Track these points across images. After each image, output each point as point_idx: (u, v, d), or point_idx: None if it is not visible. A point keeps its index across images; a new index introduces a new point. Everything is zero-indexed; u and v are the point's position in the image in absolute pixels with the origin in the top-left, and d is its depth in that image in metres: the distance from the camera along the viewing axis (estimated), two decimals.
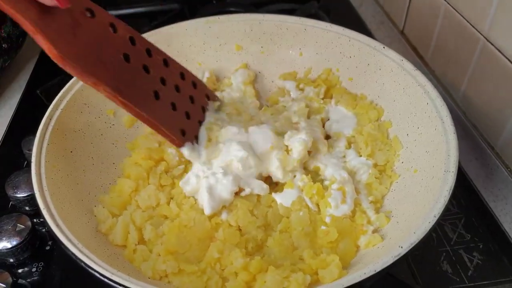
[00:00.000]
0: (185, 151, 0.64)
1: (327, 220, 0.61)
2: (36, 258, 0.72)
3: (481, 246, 0.73)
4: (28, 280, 0.70)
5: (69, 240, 0.51)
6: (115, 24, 0.57)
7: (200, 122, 0.67)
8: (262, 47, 0.85)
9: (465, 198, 0.80)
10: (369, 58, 0.76)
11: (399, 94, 0.71)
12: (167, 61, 0.65)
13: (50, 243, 0.75)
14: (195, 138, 0.66)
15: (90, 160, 0.70)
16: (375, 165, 0.69)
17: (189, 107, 0.65)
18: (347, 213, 0.63)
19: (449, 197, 0.52)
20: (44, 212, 0.54)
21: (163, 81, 0.62)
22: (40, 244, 0.74)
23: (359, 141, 0.72)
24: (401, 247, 0.48)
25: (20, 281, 0.70)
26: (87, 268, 0.48)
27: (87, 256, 0.49)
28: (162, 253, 0.59)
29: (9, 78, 1.07)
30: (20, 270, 0.71)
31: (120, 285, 0.46)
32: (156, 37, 0.81)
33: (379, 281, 0.61)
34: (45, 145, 0.63)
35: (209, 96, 0.72)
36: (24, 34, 1.05)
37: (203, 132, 0.67)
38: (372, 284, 0.63)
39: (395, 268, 0.53)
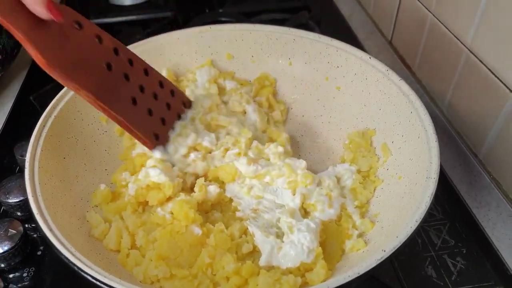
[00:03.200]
0: (156, 153, 0.67)
1: (313, 224, 0.62)
2: (27, 263, 0.73)
3: (464, 251, 0.75)
4: (19, 285, 0.70)
5: (63, 245, 0.52)
6: (101, 36, 0.62)
7: (173, 128, 0.71)
8: (252, 56, 0.87)
9: (450, 205, 0.82)
10: (356, 68, 0.78)
11: (385, 103, 0.73)
12: (147, 70, 0.68)
13: (41, 248, 0.75)
14: (167, 142, 0.69)
15: (83, 166, 0.71)
16: (359, 171, 0.71)
17: (165, 113, 0.69)
18: (333, 218, 0.64)
19: (430, 202, 0.54)
20: (38, 217, 0.55)
21: (141, 89, 0.66)
22: (31, 249, 0.75)
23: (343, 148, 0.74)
24: (384, 251, 0.50)
25: (11, 286, 0.70)
26: (80, 272, 0.49)
27: (80, 260, 0.50)
28: (154, 258, 0.60)
29: (3, 86, 1.08)
30: (11, 275, 0.71)
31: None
32: (149, 45, 0.84)
33: (366, 285, 0.63)
34: (38, 151, 0.64)
35: (186, 103, 0.75)
36: (18, 45, 1.06)
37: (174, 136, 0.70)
38: None
39: (379, 271, 0.55)
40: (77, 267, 0.49)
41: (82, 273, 0.49)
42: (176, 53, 0.86)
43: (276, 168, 0.69)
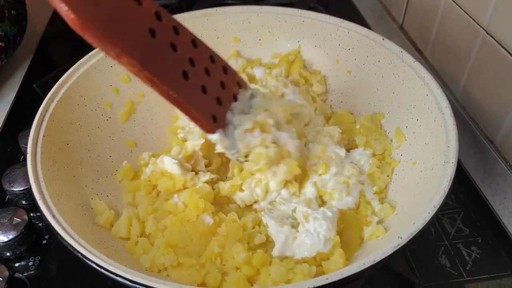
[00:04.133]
0: (217, 138, 0.58)
1: (330, 213, 0.60)
2: (32, 252, 0.72)
3: (479, 240, 0.72)
4: (25, 274, 0.69)
5: (66, 231, 0.50)
6: None
7: (232, 110, 0.62)
8: (260, 39, 0.84)
9: (464, 193, 0.79)
10: (368, 50, 0.75)
11: (398, 86, 0.71)
12: (195, 41, 0.58)
13: (47, 237, 0.74)
14: (226, 125, 0.60)
15: (86, 153, 0.70)
16: (373, 155, 0.69)
17: (220, 92, 0.60)
18: (352, 206, 0.62)
19: (449, 187, 0.52)
20: (40, 203, 0.53)
21: (192, 62, 0.56)
22: (36, 238, 0.74)
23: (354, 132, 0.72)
24: (401, 238, 0.48)
25: (16, 274, 0.69)
26: (84, 259, 0.48)
27: (84, 247, 0.48)
28: (162, 246, 0.58)
29: (6, 75, 1.06)
30: (17, 264, 0.70)
31: (117, 275, 0.45)
32: None
33: (378, 275, 0.61)
34: (40, 137, 0.62)
35: (240, 84, 0.65)
36: (21, 32, 1.04)
37: (236, 119, 0.62)
38: (372, 278, 0.63)
39: (394, 259, 0.53)
40: (81, 254, 0.48)
41: (87, 261, 0.48)
42: None
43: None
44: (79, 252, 0.48)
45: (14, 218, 0.72)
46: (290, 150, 0.63)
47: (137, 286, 0.44)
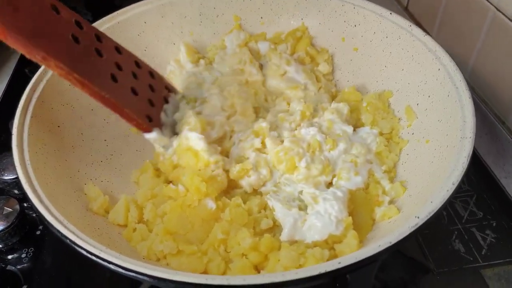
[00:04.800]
0: (154, 135, 0.61)
1: (340, 193, 0.56)
2: (26, 244, 0.69)
3: (494, 224, 0.69)
4: (18, 266, 0.66)
5: (54, 216, 0.46)
6: (57, 6, 0.53)
7: (165, 112, 0.65)
8: (261, 17, 0.80)
9: (476, 175, 0.76)
10: (375, 25, 0.71)
11: (408, 62, 0.67)
12: (119, 48, 0.61)
13: (40, 227, 0.72)
14: (161, 125, 0.63)
15: (79, 136, 0.66)
16: (381, 134, 0.66)
17: (151, 95, 0.63)
18: (361, 186, 0.59)
19: (467, 163, 0.48)
20: (26, 186, 0.49)
21: (118, 67, 0.59)
22: (30, 228, 0.71)
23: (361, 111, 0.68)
24: (418, 217, 0.44)
25: (9, 267, 0.66)
26: (73, 245, 0.44)
27: (73, 233, 0.45)
28: (161, 233, 0.55)
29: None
30: (9, 256, 0.68)
31: (109, 262, 0.41)
32: (149, 6, 0.77)
33: (390, 260, 0.58)
34: (28, 117, 0.58)
35: (169, 88, 0.68)
36: None
37: (170, 120, 0.65)
38: (383, 263, 0.59)
39: (408, 242, 0.49)
40: (70, 240, 0.44)
41: (76, 247, 0.44)
42: (178, 15, 0.79)
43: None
44: (67, 238, 0.44)
45: (5, 207, 0.69)
46: None
47: (130, 273, 0.40)
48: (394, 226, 0.52)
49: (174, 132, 0.64)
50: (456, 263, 0.65)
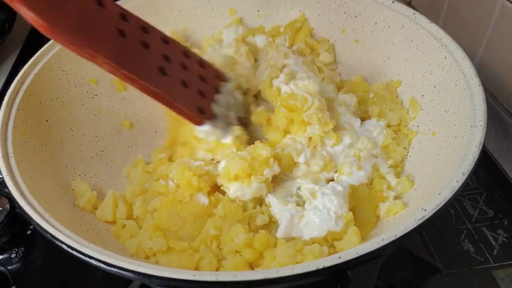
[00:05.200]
0: (207, 128, 0.58)
1: (340, 187, 0.53)
2: (15, 243, 0.66)
3: (506, 223, 0.66)
4: (9, 267, 0.64)
5: (34, 209, 0.44)
6: (101, 0, 0.52)
7: (217, 102, 0.61)
8: (258, 10, 0.78)
9: (485, 172, 0.73)
10: (377, 15, 0.68)
11: (412, 52, 0.64)
12: (166, 39, 0.58)
13: (31, 227, 0.69)
14: (213, 117, 0.60)
15: (69, 132, 0.63)
16: (388, 126, 0.62)
17: (201, 86, 0.60)
18: (364, 181, 0.56)
19: (478, 153, 0.45)
20: (7, 179, 0.47)
21: (167, 58, 0.56)
22: (20, 228, 0.68)
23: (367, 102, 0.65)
24: (425, 210, 0.41)
25: None
26: (54, 239, 0.41)
27: (54, 227, 0.42)
28: (150, 229, 0.52)
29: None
30: (0, 257, 0.65)
31: (90, 257, 0.38)
32: (142, 1, 0.75)
33: (396, 259, 0.54)
34: (14, 110, 0.56)
35: (220, 77, 0.65)
36: (10, 19, 0.98)
37: (223, 111, 0.61)
38: (388, 262, 0.56)
39: (414, 236, 0.46)
40: (50, 234, 0.41)
41: (56, 242, 0.41)
42: (173, 10, 0.77)
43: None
44: (48, 233, 0.41)
45: None
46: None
47: (113, 269, 0.37)
48: (399, 221, 0.49)
49: (229, 122, 0.61)
50: (466, 264, 0.62)
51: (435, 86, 0.60)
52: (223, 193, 0.56)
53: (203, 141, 0.61)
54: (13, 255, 0.65)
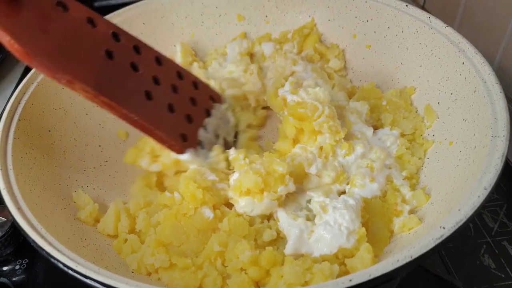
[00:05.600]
0: (187, 157, 0.55)
1: (352, 201, 0.50)
2: (19, 255, 0.65)
3: None
4: (13, 278, 0.62)
5: (30, 225, 0.42)
6: (93, 19, 0.50)
7: (205, 127, 0.59)
8: (266, 16, 0.76)
9: (506, 183, 0.69)
10: (390, 20, 0.66)
11: (427, 58, 0.62)
12: (160, 59, 0.56)
13: None
14: (198, 144, 0.57)
15: (72, 141, 0.62)
16: (402, 135, 0.59)
17: (190, 109, 0.57)
18: (377, 194, 0.53)
19: (501, 165, 0.42)
20: (4, 192, 0.45)
21: (156, 81, 0.54)
22: (24, 239, 0.66)
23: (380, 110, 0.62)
24: (443, 228, 0.38)
25: (2, 279, 0.63)
26: (49, 257, 0.39)
27: (49, 243, 0.40)
28: (153, 244, 0.50)
29: (4, 71, 1.00)
30: (5, 268, 0.64)
31: (86, 277, 0.36)
32: (148, 7, 0.73)
33: (411, 278, 0.51)
34: (15, 120, 0.55)
35: (214, 97, 0.62)
36: None
37: (210, 136, 0.59)
38: (405, 280, 0.53)
39: (431, 256, 0.43)
40: (46, 252, 0.39)
41: (51, 259, 0.39)
42: (179, 16, 0.75)
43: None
44: (43, 250, 0.39)
45: None
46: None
47: None
48: (415, 238, 0.46)
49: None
50: (486, 280, 0.58)
51: (451, 93, 0.57)
52: (230, 206, 0.54)
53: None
54: (17, 267, 0.64)
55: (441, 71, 0.59)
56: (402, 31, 0.65)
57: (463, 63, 0.55)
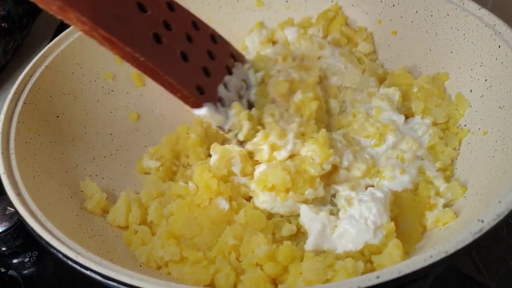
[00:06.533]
0: (204, 112, 0.48)
1: (380, 193, 0.46)
2: (29, 247, 0.64)
3: None
4: (23, 271, 0.61)
5: (29, 211, 0.40)
6: None
7: (225, 85, 0.52)
8: (287, 1, 0.72)
9: None
10: (418, 3, 0.62)
11: (458, 43, 0.57)
12: (172, 5, 0.50)
13: None
14: (218, 101, 0.51)
15: (81, 129, 0.60)
16: (435, 124, 0.55)
17: (208, 62, 0.51)
18: (408, 186, 0.49)
19: None
20: (4, 176, 0.43)
21: (167, 25, 0.48)
22: None
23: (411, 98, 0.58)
24: (482, 221, 0.34)
25: (10, 272, 0.61)
26: (48, 246, 0.36)
27: (49, 232, 0.37)
28: (164, 236, 0.47)
29: (18, 60, 0.99)
30: (14, 260, 0.63)
31: (87, 268, 0.33)
32: None
33: (443, 277, 0.47)
34: (20, 104, 0.53)
35: (235, 56, 0.56)
36: (28, 14, 0.96)
37: (231, 95, 0.52)
38: (434, 280, 0.49)
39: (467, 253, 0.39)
40: (45, 240, 0.36)
41: (50, 248, 0.36)
42: (195, 1, 0.72)
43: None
44: (42, 238, 0.36)
45: (8, 207, 0.63)
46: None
47: (110, 283, 0.32)
48: (450, 233, 0.42)
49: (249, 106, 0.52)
50: None
51: (486, 80, 0.52)
52: (248, 199, 0.51)
53: None
54: (26, 259, 0.62)
55: (474, 56, 0.55)
56: (431, 15, 0.61)
57: (499, 46, 0.51)
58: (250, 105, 0.54)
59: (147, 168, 0.59)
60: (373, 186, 0.51)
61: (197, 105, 0.48)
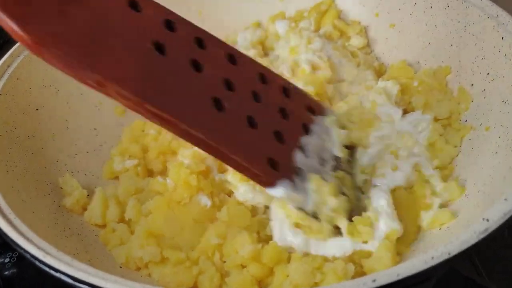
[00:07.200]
0: (280, 193, 0.40)
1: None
2: (9, 247, 0.58)
3: None
4: (4, 272, 0.57)
5: None
6: (137, 1, 0.38)
7: (303, 149, 0.44)
8: None
9: None
10: None
11: (459, 35, 0.55)
12: (233, 55, 0.42)
13: None
14: (295, 173, 0.42)
15: (63, 123, 0.57)
16: (436, 119, 0.53)
17: (280, 124, 0.43)
18: (401, 184, 0.46)
19: None
20: None
21: (228, 85, 0.41)
22: None
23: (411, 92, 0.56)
24: (487, 220, 0.31)
25: None
26: (15, 245, 0.34)
27: (16, 230, 0.34)
28: (142, 235, 0.44)
29: None
30: None
31: (56, 270, 0.31)
32: None
33: (443, 280, 0.44)
34: None
35: (314, 108, 0.48)
36: None
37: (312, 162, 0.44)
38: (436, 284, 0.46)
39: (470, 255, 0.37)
40: (10, 238, 0.34)
41: (18, 248, 0.33)
42: None
43: None
44: (7, 236, 0.34)
45: None
46: None
47: (83, 286, 0.29)
48: (448, 234, 0.39)
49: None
50: None
51: (488, 73, 0.50)
52: (230, 195, 0.48)
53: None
54: (6, 260, 0.59)
55: (476, 49, 0.52)
56: (431, 7, 0.58)
57: (502, 38, 0.48)
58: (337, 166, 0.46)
59: (119, 172, 0.55)
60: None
61: (269, 184, 0.40)
